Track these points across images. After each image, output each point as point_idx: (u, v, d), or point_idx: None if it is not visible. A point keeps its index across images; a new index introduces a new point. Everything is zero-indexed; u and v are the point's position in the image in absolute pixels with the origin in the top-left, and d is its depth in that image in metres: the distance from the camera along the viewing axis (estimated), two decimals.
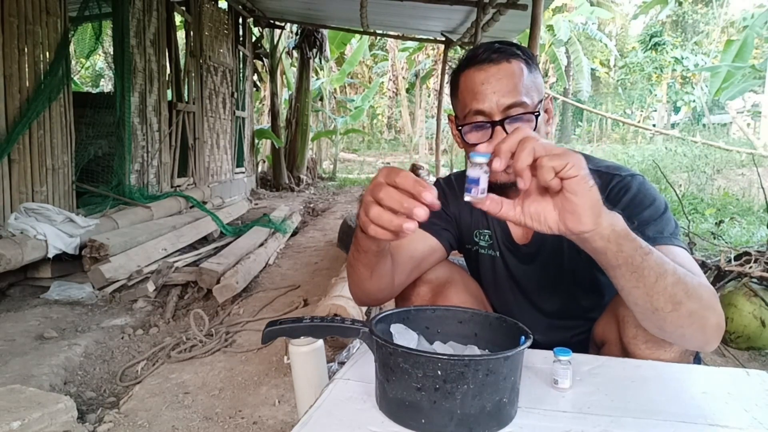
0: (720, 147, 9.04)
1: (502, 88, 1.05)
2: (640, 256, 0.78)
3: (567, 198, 0.72)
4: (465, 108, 1.09)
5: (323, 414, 0.73)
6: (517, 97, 1.04)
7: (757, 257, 2.93)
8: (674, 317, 0.82)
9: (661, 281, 0.80)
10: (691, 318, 0.83)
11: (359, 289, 1.07)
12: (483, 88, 1.05)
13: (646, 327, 0.89)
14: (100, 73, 17.89)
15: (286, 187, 9.83)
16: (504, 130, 1.04)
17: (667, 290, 0.80)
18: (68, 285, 3.27)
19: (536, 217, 0.77)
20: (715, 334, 0.86)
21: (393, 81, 22.02)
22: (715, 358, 2.51)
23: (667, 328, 0.85)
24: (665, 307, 0.81)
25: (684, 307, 0.81)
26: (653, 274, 0.79)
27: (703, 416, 0.74)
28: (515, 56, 1.07)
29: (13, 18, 3.39)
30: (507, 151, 0.72)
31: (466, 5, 6.49)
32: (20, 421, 1.59)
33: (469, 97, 1.08)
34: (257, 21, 8.83)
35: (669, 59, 21.91)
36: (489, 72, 1.06)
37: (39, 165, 3.66)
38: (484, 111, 1.06)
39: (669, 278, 0.80)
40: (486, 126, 1.06)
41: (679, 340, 0.91)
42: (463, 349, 0.85)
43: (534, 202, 0.77)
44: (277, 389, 2.19)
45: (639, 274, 0.79)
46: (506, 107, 1.04)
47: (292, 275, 4.01)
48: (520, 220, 0.78)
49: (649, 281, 0.79)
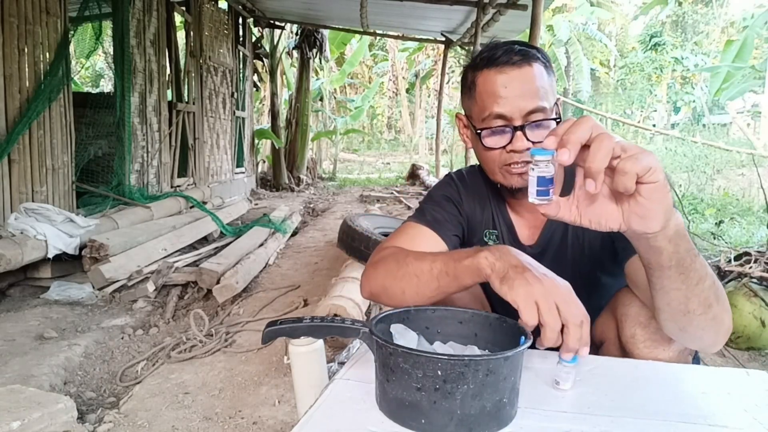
0: (720, 147, 9.03)
1: (524, 92, 1.02)
2: (690, 258, 0.76)
3: (639, 202, 0.67)
4: (484, 110, 1.06)
5: (323, 414, 0.73)
6: (538, 102, 1.03)
7: (757, 257, 2.94)
8: (701, 320, 0.81)
9: (701, 284, 0.78)
10: (714, 321, 0.82)
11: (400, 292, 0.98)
12: (504, 92, 1.03)
13: (667, 329, 0.88)
14: (100, 73, 17.90)
15: (286, 187, 9.83)
16: (524, 136, 1.03)
17: (704, 293, 0.79)
18: (68, 285, 3.27)
19: (595, 218, 0.72)
20: (725, 335, 0.86)
21: (393, 81, 22.04)
22: (715, 358, 2.51)
23: (689, 330, 0.84)
24: (697, 309, 0.80)
25: (712, 311, 0.81)
26: (696, 276, 0.78)
27: (703, 416, 0.74)
28: (536, 59, 1.05)
29: (13, 18, 3.39)
30: (577, 142, 0.65)
31: (466, 5, 6.50)
32: (20, 421, 1.59)
33: (489, 100, 1.05)
34: (257, 21, 8.84)
35: (669, 59, 21.90)
36: (511, 75, 1.03)
37: (39, 165, 3.66)
38: (505, 115, 1.04)
39: (707, 281, 0.79)
40: (507, 131, 1.05)
41: (694, 342, 0.90)
42: (463, 350, 0.85)
43: (594, 203, 0.71)
44: (277, 389, 2.19)
45: (685, 276, 0.77)
46: (528, 112, 1.03)
47: (292, 275, 4.01)
48: (576, 220, 0.73)
49: (691, 283, 0.78)
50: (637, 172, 0.64)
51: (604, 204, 0.71)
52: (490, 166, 1.11)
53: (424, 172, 11.04)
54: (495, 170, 1.10)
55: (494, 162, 1.09)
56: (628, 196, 0.68)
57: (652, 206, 0.67)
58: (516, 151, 1.04)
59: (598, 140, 0.65)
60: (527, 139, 1.03)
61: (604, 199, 0.71)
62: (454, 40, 8.64)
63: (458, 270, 0.89)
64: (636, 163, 0.63)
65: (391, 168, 15.76)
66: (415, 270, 0.96)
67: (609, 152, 0.64)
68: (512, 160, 1.06)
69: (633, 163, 0.63)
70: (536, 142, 1.03)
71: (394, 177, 12.95)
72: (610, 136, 0.65)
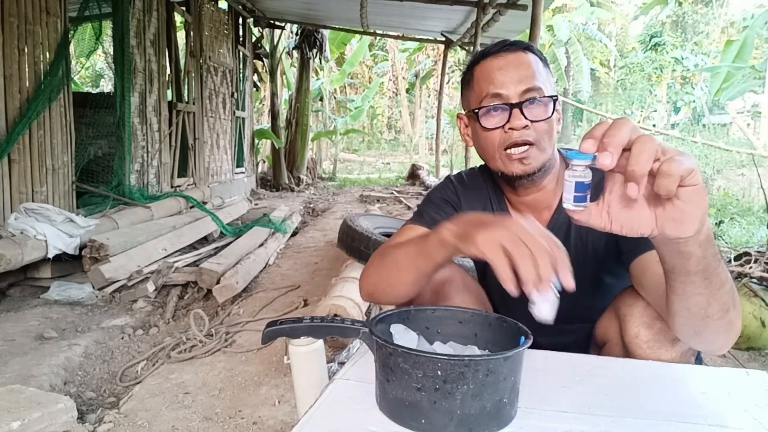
0: (720, 147, 9.02)
1: (519, 73, 1.06)
2: (716, 263, 0.74)
3: (677, 206, 0.64)
4: (481, 93, 1.09)
5: (323, 414, 0.73)
6: (534, 83, 1.05)
7: (757, 257, 2.94)
8: (718, 324, 0.80)
9: (722, 289, 0.77)
10: (729, 324, 0.82)
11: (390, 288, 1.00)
12: (500, 73, 1.07)
13: (680, 332, 0.87)
14: (100, 73, 17.90)
15: (286, 187, 9.83)
16: (521, 113, 1.04)
17: (724, 298, 0.78)
18: (68, 285, 3.27)
19: (627, 224, 0.69)
20: (735, 338, 0.85)
21: (393, 81, 22.04)
22: (715, 358, 2.51)
23: (704, 334, 0.83)
24: (716, 314, 0.79)
25: (729, 315, 0.80)
26: (719, 281, 0.76)
27: (703, 416, 0.74)
28: (530, 50, 1.10)
29: (13, 18, 3.39)
30: (619, 144, 0.62)
31: (466, 5, 6.50)
32: (20, 422, 1.59)
33: (485, 83, 1.08)
34: (257, 21, 8.84)
35: (669, 59, 21.92)
36: (507, 59, 1.08)
37: (39, 165, 3.66)
38: (501, 94, 1.06)
39: (727, 285, 0.78)
40: (503, 109, 1.06)
41: (705, 345, 0.89)
42: (463, 350, 0.84)
43: (626, 208, 0.68)
44: (277, 389, 2.19)
45: (709, 281, 0.75)
46: (524, 91, 1.05)
47: (292, 275, 4.01)
48: (606, 226, 0.70)
49: (714, 288, 0.76)
50: (681, 174, 0.61)
51: (637, 209, 0.68)
52: (490, 152, 1.11)
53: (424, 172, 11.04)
54: (495, 155, 1.10)
55: (493, 146, 1.09)
56: (665, 200, 0.65)
57: (690, 210, 0.64)
58: (514, 128, 1.05)
59: (640, 142, 0.62)
60: (524, 117, 1.04)
61: (638, 203, 0.68)
62: (454, 40, 8.65)
63: (428, 248, 0.89)
64: (679, 166, 0.61)
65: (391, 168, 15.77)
66: (395, 259, 0.98)
67: (652, 155, 0.61)
68: (511, 140, 1.06)
69: (677, 165, 0.61)
70: (534, 120, 1.05)
71: (394, 177, 12.96)
72: (651, 138, 0.63)
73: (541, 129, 1.06)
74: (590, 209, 0.69)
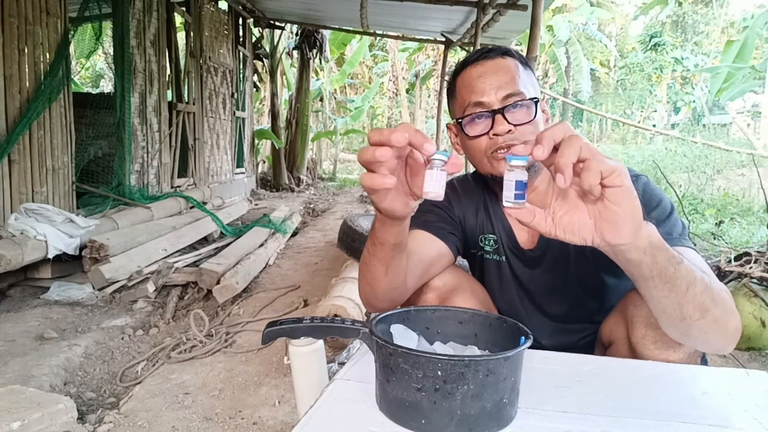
0: (720, 147, 9.03)
1: (499, 79, 1.07)
2: (672, 267, 0.77)
3: (608, 207, 0.70)
4: (464, 103, 1.10)
5: (323, 414, 0.73)
6: (515, 87, 1.06)
7: (757, 257, 2.94)
8: (701, 324, 0.82)
9: (692, 290, 0.79)
10: (716, 323, 0.82)
11: (371, 288, 1.02)
12: (480, 81, 1.08)
13: (670, 334, 0.88)
14: (100, 74, 17.89)
15: (286, 187, 9.83)
16: (504, 118, 1.05)
17: (697, 298, 0.79)
18: (68, 285, 3.27)
19: (569, 228, 0.74)
20: (735, 336, 0.86)
21: (393, 81, 22.00)
22: (715, 359, 2.51)
23: (692, 335, 0.85)
24: (693, 315, 0.80)
25: (710, 314, 0.81)
26: (684, 283, 0.78)
27: (704, 417, 0.74)
28: (510, 55, 1.11)
29: (13, 18, 3.39)
30: (550, 139, 0.69)
31: (466, 5, 6.49)
32: (20, 422, 1.59)
33: (467, 92, 1.09)
34: (257, 21, 8.84)
35: (669, 59, 21.92)
36: (485, 66, 1.09)
37: (39, 165, 3.66)
38: (483, 102, 1.07)
39: (699, 286, 0.79)
40: (486, 116, 1.07)
41: (701, 345, 0.90)
42: (463, 350, 0.84)
43: (568, 213, 0.74)
44: (277, 390, 2.19)
45: (672, 284, 0.78)
46: (505, 97, 1.06)
47: (292, 275, 4.01)
48: (551, 231, 0.75)
49: (680, 291, 0.78)
50: (600, 170, 0.67)
51: (575, 212, 0.73)
52: (478, 157, 1.12)
53: None
54: (482, 160, 1.11)
55: (481, 152, 1.10)
56: (598, 202, 0.70)
57: (621, 211, 0.69)
58: (498, 134, 1.06)
59: (568, 138, 0.68)
60: (507, 121, 1.05)
61: (577, 210, 0.73)
62: (454, 40, 8.64)
63: (378, 232, 0.89)
64: (600, 163, 0.67)
65: None
66: (364, 259, 0.99)
67: (577, 149, 0.67)
68: (497, 145, 1.07)
69: (598, 163, 0.67)
70: (517, 124, 1.05)
71: None
72: (579, 137, 0.68)
73: (526, 131, 1.06)
74: (534, 211, 0.74)
